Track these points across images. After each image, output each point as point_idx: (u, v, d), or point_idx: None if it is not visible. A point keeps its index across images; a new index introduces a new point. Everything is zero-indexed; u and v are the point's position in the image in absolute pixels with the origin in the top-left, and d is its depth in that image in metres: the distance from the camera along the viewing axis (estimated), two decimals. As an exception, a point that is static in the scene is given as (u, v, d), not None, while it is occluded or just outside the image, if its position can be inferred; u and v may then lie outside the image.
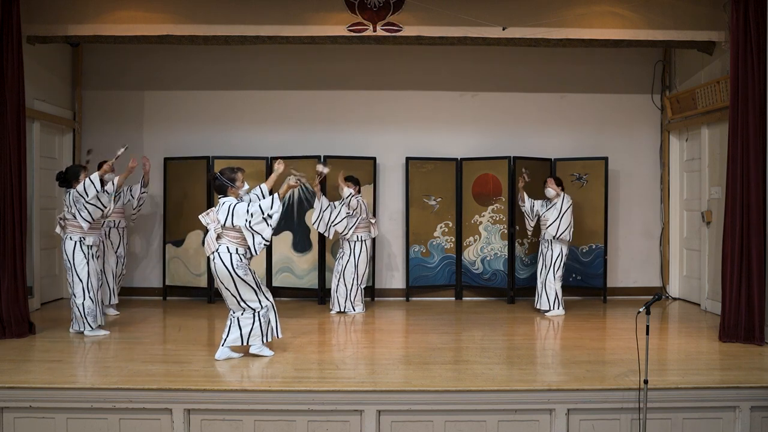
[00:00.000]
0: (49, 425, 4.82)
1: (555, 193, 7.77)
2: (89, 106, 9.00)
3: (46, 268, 8.24)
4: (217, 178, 5.58)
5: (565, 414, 4.83)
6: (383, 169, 8.99)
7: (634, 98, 9.17)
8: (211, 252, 5.53)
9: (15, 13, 6.52)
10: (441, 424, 4.82)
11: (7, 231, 6.41)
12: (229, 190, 5.59)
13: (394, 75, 9.08)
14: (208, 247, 5.55)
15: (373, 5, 7.37)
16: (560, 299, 7.81)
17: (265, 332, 5.68)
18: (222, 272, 5.49)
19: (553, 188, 7.79)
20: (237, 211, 5.46)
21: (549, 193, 7.82)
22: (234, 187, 5.58)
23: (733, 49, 6.41)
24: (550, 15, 7.38)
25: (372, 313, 7.94)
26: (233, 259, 5.48)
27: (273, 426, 4.81)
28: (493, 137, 9.06)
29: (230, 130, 9.01)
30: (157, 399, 4.80)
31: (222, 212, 5.49)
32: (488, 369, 5.38)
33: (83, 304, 6.44)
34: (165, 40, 7.51)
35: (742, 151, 6.29)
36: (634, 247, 9.20)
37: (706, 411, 4.92)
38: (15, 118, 6.48)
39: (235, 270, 5.48)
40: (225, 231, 5.51)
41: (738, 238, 6.31)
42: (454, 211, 8.90)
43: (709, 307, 7.96)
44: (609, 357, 5.87)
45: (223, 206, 5.52)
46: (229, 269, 5.47)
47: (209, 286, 8.55)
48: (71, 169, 6.59)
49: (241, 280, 5.51)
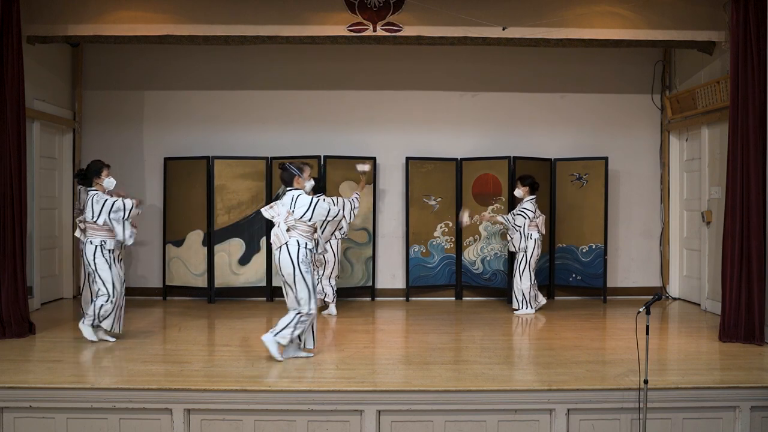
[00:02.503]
0: (49, 425, 4.82)
1: (522, 192, 7.83)
2: (89, 106, 9.00)
3: (46, 268, 8.23)
4: (286, 167, 5.59)
5: (565, 414, 4.83)
6: (383, 169, 8.99)
7: (634, 98, 9.17)
8: (279, 244, 5.51)
9: (15, 13, 6.52)
10: (441, 424, 4.82)
11: (7, 231, 6.40)
12: (295, 180, 5.57)
13: (394, 75, 9.07)
14: (277, 239, 5.53)
15: (373, 5, 7.37)
16: (528, 299, 7.81)
17: (294, 338, 5.63)
18: (286, 264, 5.47)
19: (519, 188, 7.86)
20: (319, 208, 5.48)
21: (517, 193, 7.89)
22: (301, 177, 5.58)
23: (733, 49, 6.41)
24: (550, 15, 7.37)
25: (372, 313, 7.95)
26: (300, 253, 5.47)
27: (273, 426, 4.81)
28: (493, 137, 9.06)
29: (230, 130, 9.01)
30: (157, 399, 4.80)
31: (300, 206, 5.47)
32: (488, 369, 5.38)
33: (102, 306, 6.16)
34: (165, 40, 7.50)
35: (742, 151, 6.29)
36: (634, 247, 9.20)
37: (706, 411, 4.92)
38: (15, 118, 6.47)
39: (299, 264, 5.46)
40: (298, 224, 5.49)
41: (738, 238, 6.31)
42: (454, 211, 8.89)
43: (709, 307, 7.96)
44: (609, 357, 5.87)
45: (299, 199, 5.50)
46: (294, 262, 5.46)
47: (209, 286, 8.56)
48: (93, 166, 6.27)
49: (301, 276, 5.47)
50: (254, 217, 8.50)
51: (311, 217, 5.49)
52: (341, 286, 8.57)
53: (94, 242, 6.17)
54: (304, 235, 5.53)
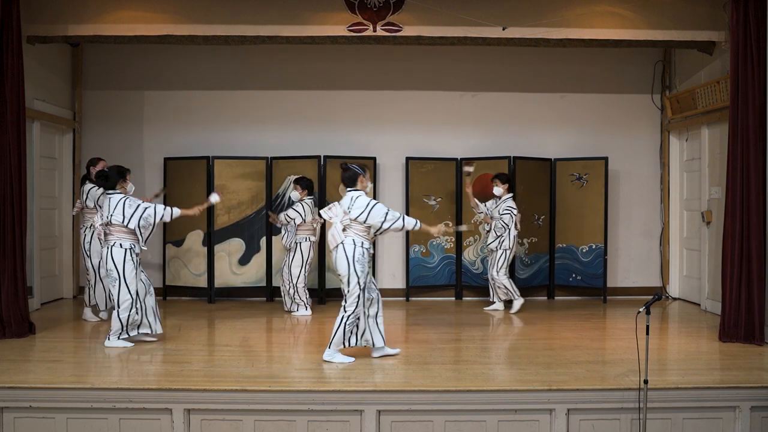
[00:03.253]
0: (49, 425, 4.82)
1: (502, 190, 7.86)
2: (89, 106, 9.00)
3: (46, 268, 8.23)
4: (349, 167, 5.62)
5: (565, 414, 4.83)
6: (383, 169, 8.99)
7: (634, 98, 9.17)
8: (336, 244, 5.53)
9: (15, 13, 6.51)
10: (441, 424, 4.82)
11: (7, 231, 6.39)
12: (359, 180, 5.60)
13: (394, 75, 9.07)
14: (333, 239, 5.55)
15: (373, 5, 7.37)
16: (513, 291, 7.88)
17: (348, 338, 5.62)
18: (342, 263, 5.49)
19: (499, 186, 7.87)
20: (376, 211, 5.48)
21: (496, 191, 7.90)
22: (365, 176, 5.61)
23: (733, 49, 6.41)
24: (550, 15, 7.37)
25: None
26: (356, 252, 5.48)
27: (273, 426, 4.81)
28: (493, 137, 9.06)
29: (230, 130, 9.01)
30: (157, 399, 4.80)
31: (358, 207, 5.49)
32: (488, 369, 5.38)
33: (129, 315, 5.99)
34: (165, 40, 7.50)
35: (742, 151, 6.29)
36: (634, 247, 9.20)
37: (706, 411, 4.92)
38: (15, 118, 6.47)
39: (354, 263, 5.47)
40: (353, 224, 5.51)
41: (738, 238, 6.31)
42: (454, 211, 8.89)
43: (709, 307, 7.96)
44: (609, 357, 5.87)
45: (358, 200, 5.51)
46: (350, 261, 5.47)
47: (209, 286, 8.56)
48: (114, 170, 6.15)
49: (355, 275, 5.48)
50: (254, 217, 8.50)
51: (366, 218, 5.49)
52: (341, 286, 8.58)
53: (123, 246, 6.03)
54: (360, 235, 5.54)
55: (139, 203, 6.08)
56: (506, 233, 7.78)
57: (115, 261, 6.01)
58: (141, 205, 6.06)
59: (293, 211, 7.65)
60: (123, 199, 6.03)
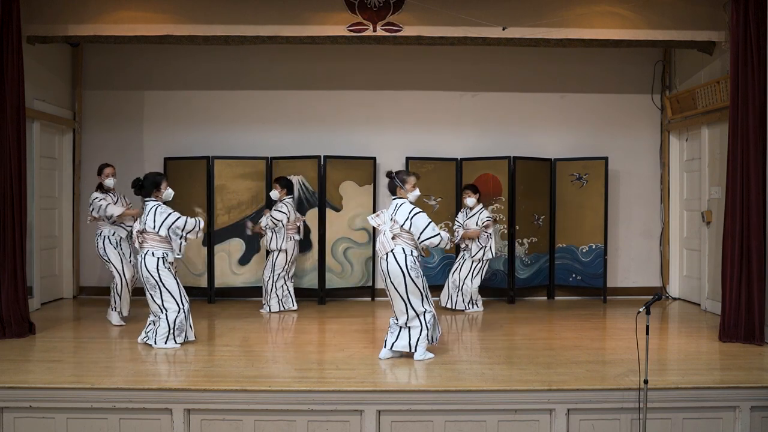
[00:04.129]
0: (49, 425, 4.82)
1: (474, 201, 7.92)
2: (89, 106, 9.00)
3: (46, 268, 8.24)
4: (393, 177, 5.75)
5: (565, 414, 4.83)
6: (383, 169, 8.97)
7: (634, 98, 9.17)
8: (385, 252, 5.60)
9: (15, 13, 6.52)
10: (441, 424, 4.82)
11: (7, 231, 6.39)
12: (398, 190, 5.74)
13: (394, 75, 9.08)
14: (382, 247, 5.63)
15: (373, 5, 7.37)
16: (475, 300, 7.98)
17: (430, 336, 5.70)
18: (395, 272, 5.54)
19: (471, 197, 7.92)
20: (417, 220, 5.54)
21: (468, 201, 7.94)
22: (403, 188, 5.72)
23: (733, 49, 6.41)
24: (550, 15, 7.38)
25: (372, 313, 7.95)
26: (408, 261, 5.55)
27: (273, 426, 4.81)
28: (493, 137, 9.06)
29: (230, 130, 9.01)
30: (157, 399, 4.80)
31: (401, 214, 5.57)
32: (488, 369, 5.38)
33: (176, 319, 6.06)
34: (165, 40, 7.50)
35: (742, 151, 6.29)
36: (634, 247, 9.20)
37: (706, 411, 4.92)
38: (15, 118, 6.47)
39: (408, 271, 5.53)
40: (402, 232, 5.58)
41: (738, 238, 6.31)
42: (454, 211, 8.89)
43: (709, 307, 7.96)
44: (609, 357, 5.87)
45: (401, 207, 5.60)
46: (403, 269, 5.52)
47: (209, 286, 8.56)
48: (151, 178, 6.13)
49: (412, 282, 5.54)
50: (254, 217, 8.50)
51: (410, 226, 5.55)
52: (340, 286, 8.59)
53: (156, 254, 6.06)
54: (409, 243, 5.61)
55: (170, 212, 6.08)
56: (490, 243, 7.84)
57: (149, 269, 6.06)
58: (172, 214, 6.08)
59: (279, 213, 7.71)
60: (155, 207, 6.07)
